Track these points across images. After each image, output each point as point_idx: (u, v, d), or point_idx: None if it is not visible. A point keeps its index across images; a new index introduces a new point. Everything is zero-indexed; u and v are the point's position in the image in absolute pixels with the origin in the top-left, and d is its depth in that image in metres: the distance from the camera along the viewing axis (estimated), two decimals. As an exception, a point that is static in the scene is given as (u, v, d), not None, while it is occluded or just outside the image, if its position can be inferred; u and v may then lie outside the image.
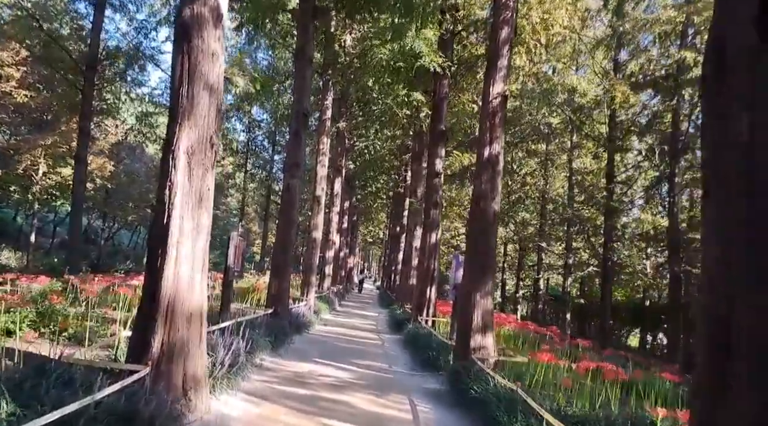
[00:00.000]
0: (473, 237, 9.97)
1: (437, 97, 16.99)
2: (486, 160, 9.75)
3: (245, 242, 10.32)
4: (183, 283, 5.83)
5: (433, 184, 16.74)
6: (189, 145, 5.89)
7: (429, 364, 10.88)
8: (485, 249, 9.66)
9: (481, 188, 9.77)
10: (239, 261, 10.11)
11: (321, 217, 20.81)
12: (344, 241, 41.32)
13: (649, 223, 28.80)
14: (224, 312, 9.82)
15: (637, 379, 7.67)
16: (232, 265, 9.66)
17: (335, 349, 12.70)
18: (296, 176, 13.36)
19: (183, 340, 5.81)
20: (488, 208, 9.67)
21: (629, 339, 38.64)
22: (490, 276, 9.69)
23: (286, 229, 13.32)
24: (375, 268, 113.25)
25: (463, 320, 9.73)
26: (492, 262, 9.79)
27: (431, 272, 16.49)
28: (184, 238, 5.85)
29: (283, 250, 13.37)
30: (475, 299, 9.51)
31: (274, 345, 10.93)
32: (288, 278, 13.50)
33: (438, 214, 16.72)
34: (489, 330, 9.53)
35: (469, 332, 9.43)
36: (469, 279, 9.84)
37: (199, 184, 5.98)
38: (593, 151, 30.66)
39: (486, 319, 9.49)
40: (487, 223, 9.70)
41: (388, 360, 11.85)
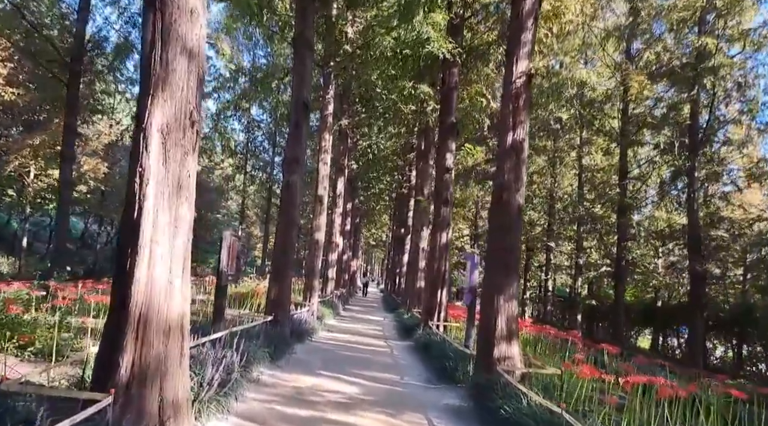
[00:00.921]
0: (495, 233, 8.92)
1: (447, 86, 15.96)
2: (509, 146, 8.71)
3: (241, 243, 9.26)
4: (158, 288, 4.78)
5: (444, 180, 15.69)
6: (163, 122, 4.85)
7: (445, 375, 9.80)
8: (509, 246, 8.61)
9: (503, 179, 8.73)
10: (234, 263, 9.07)
11: (323, 218, 19.78)
12: (347, 244, 40.29)
13: (664, 221, 27.80)
14: (217, 321, 8.77)
15: (696, 395, 6.59)
16: (225, 268, 8.61)
17: (340, 358, 11.64)
18: (296, 172, 12.31)
19: (159, 358, 4.76)
20: (512, 201, 8.63)
21: (638, 340, 37.53)
22: (515, 277, 8.64)
23: (287, 230, 12.27)
24: (378, 271, 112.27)
25: (485, 327, 8.68)
26: (516, 262, 8.74)
27: (442, 274, 15.44)
28: (160, 235, 4.80)
29: (284, 253, 12.32)
30: (498, 303, 8.46)
31: (273, 356, 9.90)
32: (289, 282, 12.45)
33: (449, 212, 15.67)
34: (514, 338, 8.48)
35: (492, 340, 8.38)
36: (490, 281, 8.79)
37: (176, 169, 4.94)
38: (604, 147, 29.61)
39: (511, 326, 8.44)
40: (510, 218, 8.65)
41: (399, 370, 10.78)
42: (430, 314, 15.42)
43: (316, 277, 18.94)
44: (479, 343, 8.92)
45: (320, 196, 19.44)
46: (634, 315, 36.55)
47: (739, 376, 21.08)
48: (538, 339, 13.47)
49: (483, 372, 8.41)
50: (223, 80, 31.00)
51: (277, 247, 12.40)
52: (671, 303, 35.09)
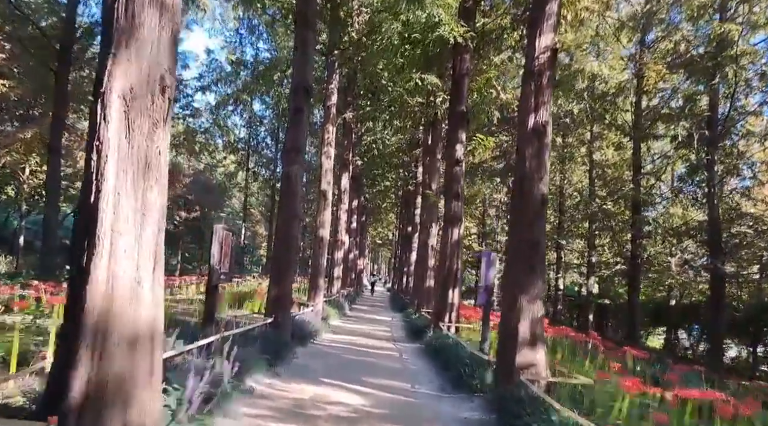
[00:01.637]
0: (516, 227, 8.02)
1: (457, 73, 15.05)
2: (531, 130, 7.81)
3: (235, 237, 8.38)
4: (122, 289, 3.91)
5: (454, 173, 14.78)
6: (127, 86, 3.98)
7: (460, 383, 8.89)
8: (532, 241, 7.71)
9: (524, 166, 7.83)
10: (227, 260, 8.20)
11: (328, 214, 18.90)
12: (353, 242, 39.44)
13: (680, 217, 26.85)
14: (208, 324, 7.91)
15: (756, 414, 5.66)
16: (217, 266, 7.74)
17: (345, 363, 10.77)
18: (297, 162, 11.42)
19: (122, 376, 3.89)
20: (534, 191, 7.73)
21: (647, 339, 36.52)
22: (540, 275, 7.74)
23: (288, 224, 11.37)
24: (384, 270, 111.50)
25: (505, 331, 7.79)
26: (541, 258, 7.83)
27: (453, 272, 14.53)
28: (122, 224, 3.93)
29: (285, 249, 11.41)
30: (520, 304, 7.57)
31: (272, 362, 9.03)
32: (290, 281, 11.57)
33: (460, 207, 14.75)
34: (539, 343, 7.58)
35: (515, 346, 7.49)
36: (512, 279, 7.89)
37: (143, 143, 4.06)
38: (616, 142, 28.59)
39: (535, 330, 7.55)
40: (533, 210, 7.76)
41: (409, 377, 9.89)
42: (440, 315, 14.53)
43: (321, 276, 18.08)
44: (499, 348, 8.02)
45: (324, 191, 18.56)
46: (645, 314, 35.59)
47: (755, 377, 20.16)
48: (556, 342, 12.56)
49: (504, 381, 7.53)
50: (225, 74, 30.24)
51: (278, 243, 11.50)
52: (683, 302, 34.20)
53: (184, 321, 10.63)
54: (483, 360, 8.97)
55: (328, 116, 19.01)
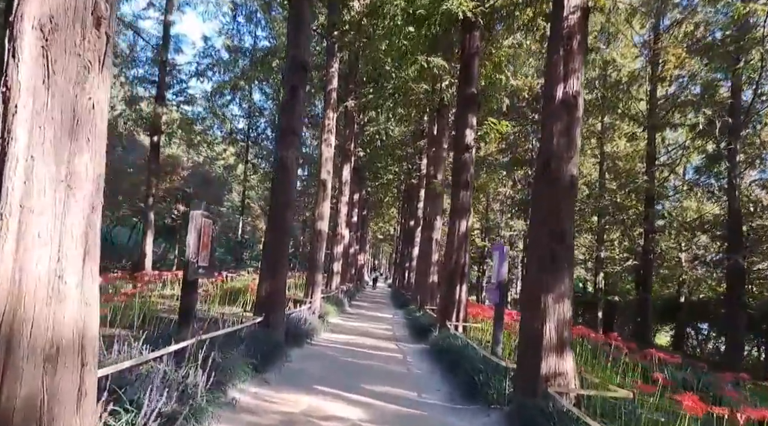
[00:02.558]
0: (540, 215, 6.97)
1: (467, 53, 13.97)
2: (559, 102, 6.77)
3: (217, 225, 7.31)
4: (35, 285, 2.89)
5: (462, 161, 13.71)
6: (46, 12, 2.95)
7: (474, 392, 7.84)
8: (558, 231, 6.68)
9: (551, 144, 6.79)
10: (208, 252, 7.17)
11: (327, 206, 17.85)
12: (354, 236, 38.42)
13: (694, 211, 25.82)
14: (183, 326, 6.88)
15: None
16: (193, 259, 6.70)
17: (344, 367, 9.75)
18: (292, 146, 10.38)
19: (35, 399, 2.88)
20: (562, 172, 6.71)
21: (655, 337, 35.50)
22: (567, 270, 6.70)
23: (281, 213, 10.33)
24: (386, 266, 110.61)
25: (528, 334, 6.76)
26: (568, 250, 6.79)
27: (461, 267, 13.48)
28: (37, 198, 2.91)
29: (278, 240, 10.36)
30: (545, 304, 6.55)
31: (260, 367, 8.01)
32: (284, 276, 10.52)
33: (469, 197, 13.69)
34: (567, 349, 6.57)
35: (539, 352, 6.47)
36: (535, 276, 6.86)
37: (70, 92, 3.03)
38: (629, 133, 27.50)
39: (562, 333, 6.53)
40: (560, 194, 6.73)
41: (414, 384, 8.86)
42: (447, 313, 13.49)
43: (319, 271, 17.07)
44: (520, 354, 6.98)
45: (323, 180, 17.52)
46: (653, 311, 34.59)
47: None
48: (575, 344, 11.51)
49: (526, 392, 6.53)
50: (222, 62, 29.18)
51: (270, 233, 10.43)
52: (691, 298, 33.23)
53: (166, 319, 9.62)
54: (499, 366, 7.93)
55: (328, 102, 17.96)
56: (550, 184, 6.78)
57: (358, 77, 24.95)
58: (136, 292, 10.50)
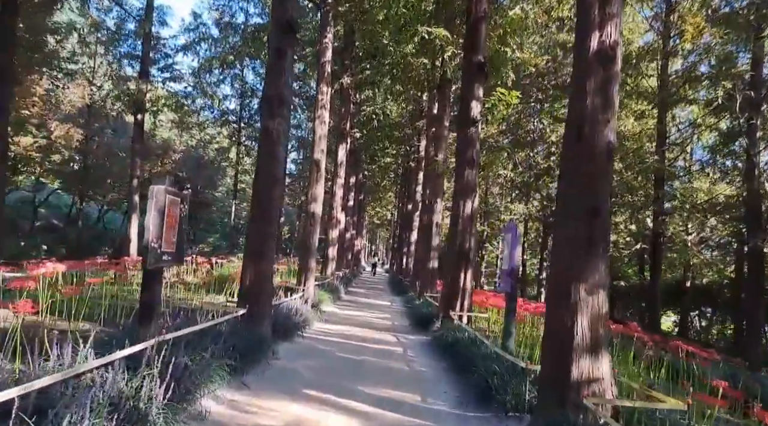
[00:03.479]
0: (571, 188, 5.81)
1: (473, 17, 12.73)
2: (594, 54, 5.61)
3: (185, 204, 6.12)
4: None
5: (468, 136, 12.53)
6: None
7: (487, 396, 6.74)
8: (592, 208, 5.56)
9: (583, 105, 5.64)
10: (175, 235, 6.03)
11: (321, 188, 16.67)
12: (351, 221, 37.32)
13: (705, 192, 24.73)
14: (144, 323, 5.76)
15: None
16: (155, 243, 5.55)
17: (338, 365, 8.65)
18: (279, 115, 9.18)
19: None
20: (597, 139, 5.57)
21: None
22: (603, 256, 5.57)
23: (267, 190, 9.17)
24: (383, 251, 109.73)
25: (556, 331, 5.66)
26: (606, 231, 5.67)
27: (466, 252, 12.36)
28: None
29: (264, 220, 9.16)
30: (576, 295, 5.45)
31: (240, 368, 6.93)
32: (270, 262, 9.37)
33: (474, 176, 12.52)
34: (603, 349, 5.47)
35: (569, 352, 5.37)
36: (563, 262, 5.74)
37: None
38: (637, 111, 26.28)
39: (597, 330, 5.43)
40: (595, 165, 5.60)
41: (418, 386, 7.76)
42: (450, 302, 12.39)
43: (313, 257, 15.95)
44: (545, 355, 5.87)
45: (317, 160, 16.34)
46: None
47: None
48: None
49: (552, 400, 5.44)
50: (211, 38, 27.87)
51: (254, 213, 9.24)
52: (695, 283, 32.33)
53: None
54: (515, 366, 6.86)
55: (322, 75, 16.74)
56: (584, 152, 5.64)
57: (354, 53, 23.71)
58: (101, 281, 9.33)
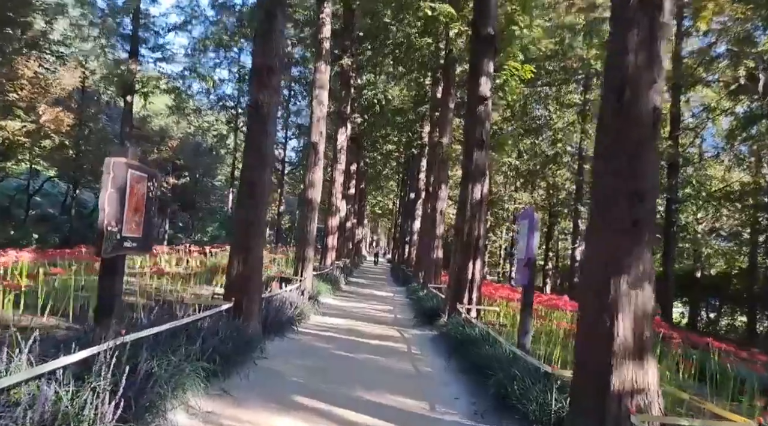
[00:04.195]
0: (609, 164, 4.87)
1: (483, -16, 11.78)
2: (637, 3, 4.69)
3: (155, 183, 5.17)
4: None
5: (477, 114, 11.58)
6: None
7: (506, 404, 5.85)
8: (638, 186, 4.65)
9: (623, 63, 4.71)
10: (141, 218, 5.12)
11: (319, 172, 15.73)
12: (351, 210, 36.38)
13: (719, 179, 23.85)
14: (104, 322, 4.87)
15: None
16: (113, 227, 4.65)
17: (335, 366, 7.76)
18: (269, 87, 8.25)
19: None
20: (642, 103, 4.65)
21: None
22: (648, 244, 4.66)
23: (256, 173, 8.25)
24: (384, 241, 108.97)
25: (591, 331, 4.76)
26: (651, 214, 4.78)
27: (475, 240, 11.45)
28: None
29: (252, 204, 8.19)
30: (616, 290, 4.56)
31: (221, 372, 6.04)
32: (259, 251, 8.45)
33: (485, 157, 11.58)
34: (648, 354, 4.58)
35: (608, 357, 4.49)
36: (600, 250, 4.83)
37: None
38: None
39: (642, 331, 4.54)
40: (638, 135, 4.68)
41: (426, 390, 6.86)
42: (458, 294, 11.49)
43: (311, 246, 15.07)
44: (580, 360, 4.97)
45: (315, 143, 15.42)
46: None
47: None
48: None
49: (587, 413, 4.57)
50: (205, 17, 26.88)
51: (242, 197, 8.33)
52: (704, 273, 31.56)
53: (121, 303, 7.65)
54: (538, 369, 5.98)
55: (320, 52, 15.77)
56: (624, 121, 4.72)
57: (354, 34, 22.71)
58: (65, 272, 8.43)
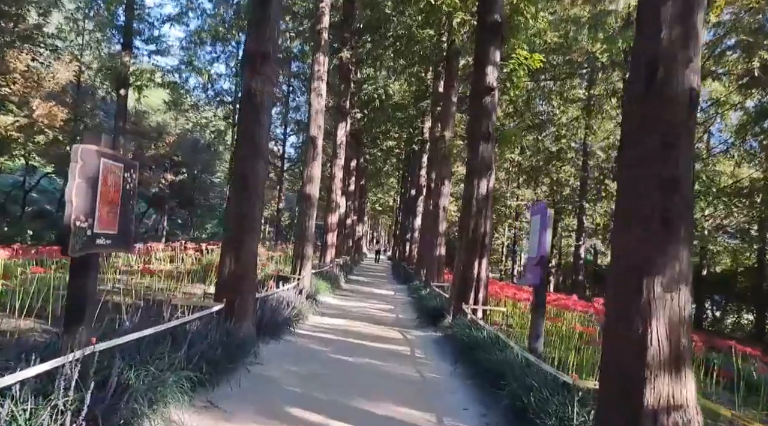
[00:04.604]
0: (640, 150, 4.33)
1: (489, -31, 11.24)
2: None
3: (134, 175, 4.61)
4: None
5: (483, 106, 11.04)
6: None
7: (521, 417, 5.34)
8: (672, 175, 4.13)
9: (656, 40, 4.18)
10: (116, 212, 4.60)
11: (318, 167, 15.21)
12: (351, 206, 35.85)
13: (728, 175, 23.38)
14: (73, 328, 4.33)
15: None
16: (81, 222, 4.13)
17: (333, 371, 7.24)
18: (263, 74, 7.72)
19: None
20: (677, 83, 4.13)
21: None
22: (684, 241, 4.13)
23: (249, 165, 7.72)
24: (384, 238, 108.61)
25: (620, 339, 4.24)
26: (688, 207, 4.24)
27: (481, 237, 10.92)
28: None
29: (245, 199, 7.66)
30: (650, 292, 4.03)
31: (208, 380, 5.53)
32: (253, 249, 7.90)
33: (491, 151, 11.04)
34: (687, 365, 4.06)
35: (641, 369, 3.96)
36: (633, 248, 4.28)
37: None
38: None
39: (678, 339, 4.01)
40: (675, 117, 4.15)
41: (432, 399, 6.35)
42: (463, 293, 10.97)
43: (309, 243, 14.55)
44: (608, 372, 4.44)
45: (313, 137, 14.90)
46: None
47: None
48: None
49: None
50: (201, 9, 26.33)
51: (234, 189, 7.81)
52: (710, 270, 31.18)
53: (110, 303, 7.15)
54: (555, 379, 5.46)
55: (318, 43, 15.23)
56: (657, 103, 4.18)
57: (353, 26, 22.18)
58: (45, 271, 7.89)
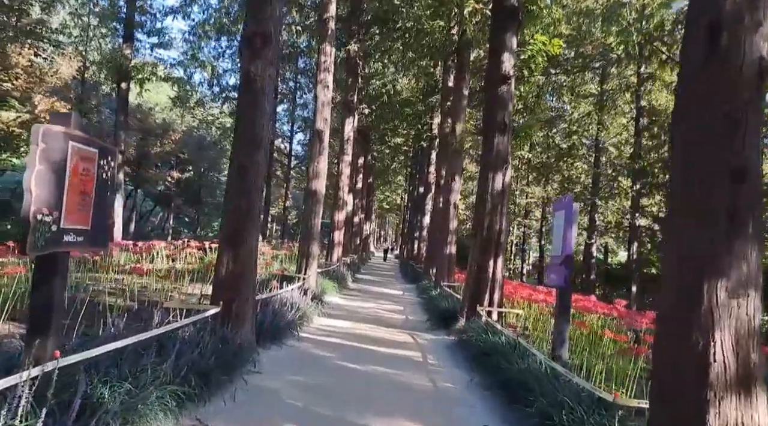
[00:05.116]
0: (697, 132, 3.70)
1: (504, -50, 10.59)
2: None
3: (112, 162, 3.99)
4: None
5: (498, 96, 10.41)
6: None
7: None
8: (738, 165, 3.48)
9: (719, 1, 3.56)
10: (89, 205, 4.01)
11: (324, 162, 14.63)
12: (359, 204, 35.25)
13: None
14: (38, 340, 3.72)
15: None
16: (44, 216, 3.53)
17: (338, 381, 6.62)
18: (263, 57, 7.11)
19: None
20: (744, 51, 3.49)
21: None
22: (753, 240, 3.49)
23: (247, 156, 7.10)
24: (391, 236, 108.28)
25: (675, 353, 3.60)
26: (757, 199, 3.59)
27: (496, 235, 10.28)
28: None
29: (242, 196, 7.09)
30: (713, 299, 3.40)
31: (198, 394, 4.93)
32: (252, 247, 7.26)
33: (507, 143, 10.39)
34: (758, 384, 3.42)
35: (702, 390, 3.33)
36: (691, 247, 3.63)
37: None
38: (671, 83, 24.02)
39: (747, 354, 3.38)
40: (739, 92, 3.51)
41: (448, 413, 5.71)
42: (477, 294, 10.34)
43: (315, 241, 13.97)
44: (659, 391, 3.80)
45: (319, 130, 14.31)
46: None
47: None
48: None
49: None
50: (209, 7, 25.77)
51: (232, 184, 7.22)
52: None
53: (101, 305, 6.59)
54: (591, 394, 4.83)
55: (325, 33, 14.64)
56: (719, 75, 3.55)
57: (361, 18, 21.60)
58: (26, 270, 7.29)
